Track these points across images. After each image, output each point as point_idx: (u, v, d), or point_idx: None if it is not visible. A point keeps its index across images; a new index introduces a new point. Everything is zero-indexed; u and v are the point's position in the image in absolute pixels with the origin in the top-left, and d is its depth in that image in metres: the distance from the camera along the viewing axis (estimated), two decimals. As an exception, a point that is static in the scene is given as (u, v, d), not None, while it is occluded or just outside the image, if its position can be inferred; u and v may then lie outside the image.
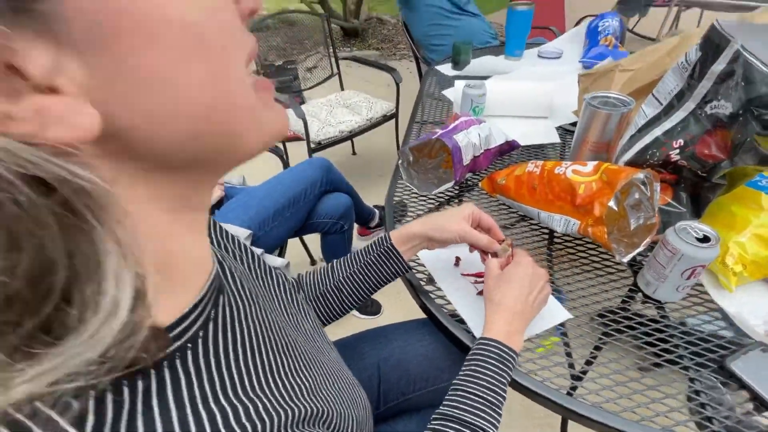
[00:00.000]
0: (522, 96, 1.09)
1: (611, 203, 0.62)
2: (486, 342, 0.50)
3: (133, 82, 0.19)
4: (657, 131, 0.60)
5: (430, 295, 0.64)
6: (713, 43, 0.50)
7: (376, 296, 1.54)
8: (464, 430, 0.44)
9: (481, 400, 0.46)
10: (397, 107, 1.97)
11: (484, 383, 0.47)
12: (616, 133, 0.76)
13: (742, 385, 0.51)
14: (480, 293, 0.63)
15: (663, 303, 0.61)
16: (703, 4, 2.86)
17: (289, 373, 0.32)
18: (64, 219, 0.17)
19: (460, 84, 1.07)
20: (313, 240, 1.46)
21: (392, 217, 0.80)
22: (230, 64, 0.22)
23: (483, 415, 0.45)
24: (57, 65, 0.18)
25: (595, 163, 0.65)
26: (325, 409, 0.33)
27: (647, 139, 0.62)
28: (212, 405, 0.24)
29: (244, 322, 0.31)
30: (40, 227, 0.17)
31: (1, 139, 0.16)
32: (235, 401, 0.26)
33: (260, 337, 0.32)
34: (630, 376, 0.53)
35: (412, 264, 0.66)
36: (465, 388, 0.47)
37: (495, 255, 0.60)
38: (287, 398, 0.29)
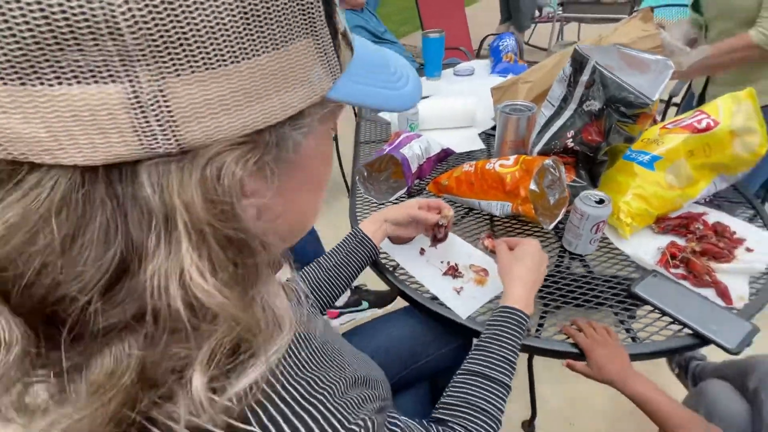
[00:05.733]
0: (449, 110, 1.27)
1: (533, 186, 0.79)
2: (509, 309, 0.58)
3: (283, 202, 0.28)
4: (554, 128, 0.79)
5: (406, 282, 0.76)
6: (578, 61, 0.70)
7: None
8: (487, 382, 0.51)
9: (501, 358, 0.53)
10: (336, 134, 2.10)
11: (506, 344, 0.55)
12: (527, 132, 0.95)
13: (645, 303, 0.69)
14: (444, 273, 0.76)
15: (583, 256, 0.78)
16: (579, 19, 3.47)
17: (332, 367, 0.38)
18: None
19: (395, 106, 1.23)
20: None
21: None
22: (321, 195, 0.34)
23: (503, 371, 0.52)
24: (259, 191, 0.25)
25: (515, 156, 0.82)
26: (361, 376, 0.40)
27: (549, 134, 0.81)
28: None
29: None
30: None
31: None
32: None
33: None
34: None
35: (388, 263, 0.78)
36: (489, 348, 0.54)
37: (437, 227, 0.75)
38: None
